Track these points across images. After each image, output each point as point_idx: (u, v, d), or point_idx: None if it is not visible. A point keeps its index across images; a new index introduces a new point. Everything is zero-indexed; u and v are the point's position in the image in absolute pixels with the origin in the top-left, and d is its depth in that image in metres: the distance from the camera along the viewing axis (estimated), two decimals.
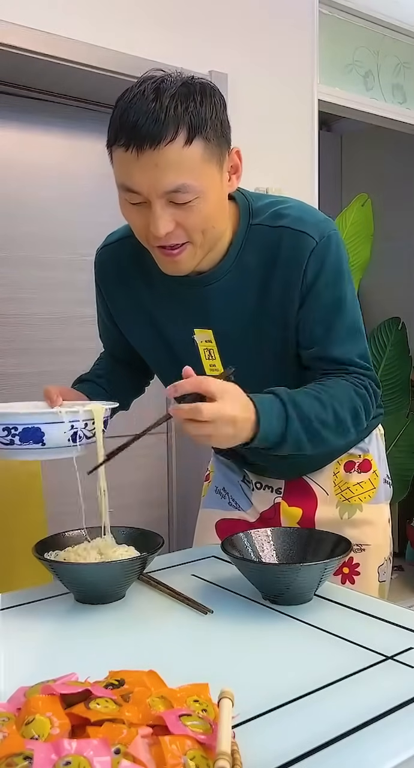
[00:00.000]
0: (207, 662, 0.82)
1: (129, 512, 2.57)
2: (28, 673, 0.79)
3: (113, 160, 1.00)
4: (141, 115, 0.93)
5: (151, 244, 1.03)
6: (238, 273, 1.09)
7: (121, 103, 0.98)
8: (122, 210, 1.03)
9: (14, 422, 0.95)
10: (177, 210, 0.97)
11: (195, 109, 0.95)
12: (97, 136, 2.52)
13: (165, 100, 0.93)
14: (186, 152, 0.94)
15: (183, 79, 0.97)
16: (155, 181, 0.95)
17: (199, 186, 0.97)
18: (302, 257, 1.05)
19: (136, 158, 0.94)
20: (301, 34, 2.66)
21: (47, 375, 2.45)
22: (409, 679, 0.75)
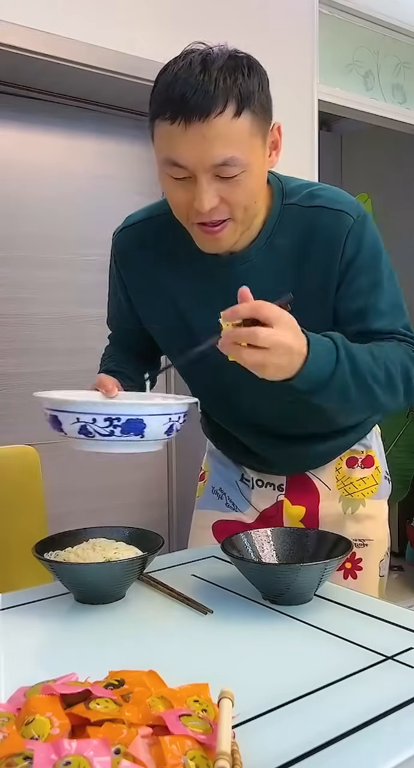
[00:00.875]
0: (207, 662, 0.82)
1: (129, 512, 2.58)
2: (28, 673, 0.79)
3: (155, 135, 0.98)
4: (189, 87, 0.92)
5: (191, 220, 1.02)
6: (271, 252, 1.09)
7: (164, 76, 0.96)
8: (163, 185, 1.02)
9: (118, 413, 0.92)
10: (222, 184, 0.96)
11: (243, 81, 0.94)
12: (97, 136, 2.52)
13: (213, 72, 0.92)
14: (235, 125, 0.93)
15: (229, 52, 0.96)
16: (203, 153, 0.93)
17: (246, 159, 0.96)
18: (341, 234, 1.05)
19: (183, 131, 0.93)
20: (301, 34, 2.66)
21: (47, 375, 2.45)
22: (409, 679, 0.75)
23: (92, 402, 0.94)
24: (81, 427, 0.93)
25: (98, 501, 2.51)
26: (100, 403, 0.94)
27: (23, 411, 2.40)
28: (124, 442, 0.94)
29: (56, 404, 0.95)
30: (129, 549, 1.04)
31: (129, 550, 1.04)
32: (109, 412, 0.92)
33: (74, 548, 1.04)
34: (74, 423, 0.93)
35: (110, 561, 0.98)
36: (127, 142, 2.58)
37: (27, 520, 1.49)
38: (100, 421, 0.92)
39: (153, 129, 0.99)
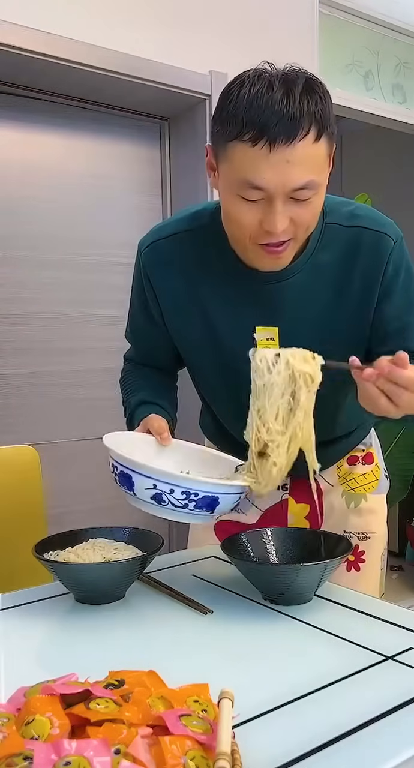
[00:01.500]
0: (207, 662, 0.82)
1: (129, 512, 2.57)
2: (28, 673, 0.79)
3: (230, 156, 0.96)
4: (273, 110, 0.91)
5: (254, 240, 1.01)
6: (312, 270, 1.09)
7: (238, 97, 0.94)
8: (231, 205, 1.00)
9: (197, 488, 0.92)
10: (294, 206, 0.97)
11: (322, 104, 0.94)
12: (97, 136, 2.52)
13: (297, 96, 0.92)
14: (315, 148, 0.94)
15: (304, 74, 0.96)
16: (285, 177, 0.93)
17: (320, 182, 0.97)
18: (383, 257, 1.08)
19: (266, 154, 0.92)
20: (301, 34, 2.66)
21: (47, 375, 2.45)
22: (409, 679, 0.75)
23: (174, 474, 0.92)
24: (156, 494, 0.93)
25: (98, 501, 2.51)
26: (180, 476, 0.93)
27: (23, 411, 2.40)
28: (193, 515, 0.94)
29: (133, 465, 0.93)
30: (129, 549, 1.04)
31: (129, 550, 1.04)
32: (188, 486, 0.92)
33: (74, 548, 1.04)
34: (149, 489, 0.93)
35: (110, 561, 0.98)
36: (127, 142, 2.58)
37: (27, 520, 1.49)
38: (178, 493, 0.92)
39: (224, 150, 0.96)
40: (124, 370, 1.35)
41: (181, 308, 1.17)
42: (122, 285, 2.51)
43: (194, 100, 2.44)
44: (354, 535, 1.29)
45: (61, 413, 2.46)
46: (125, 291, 2.49)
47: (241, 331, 1.11)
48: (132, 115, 2.56)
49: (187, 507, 0.93)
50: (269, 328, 1.11)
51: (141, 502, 0.95)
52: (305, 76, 0.96)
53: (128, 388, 1.29)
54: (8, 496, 1.47)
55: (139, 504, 0.96)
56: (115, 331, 2.42)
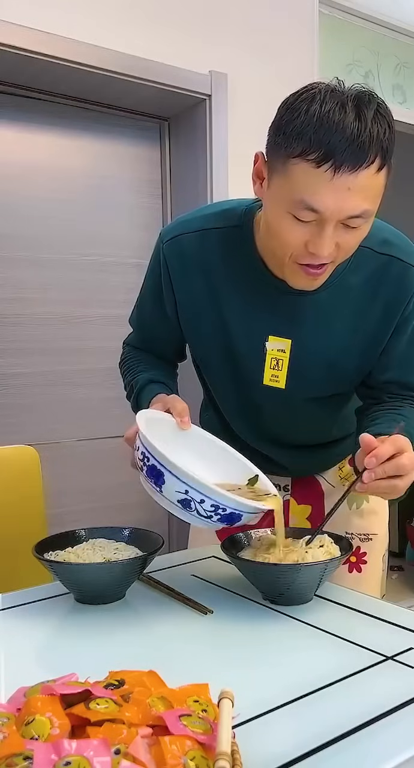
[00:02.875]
0: (207, 662, 0.82)
1: (129, 512, 2.57)
2: (28, 673, 0.79)
3: (290, 173, 0.92)
4: (344, 134, 0.88)
5: (295, 259, 1.00)
6: (338, 290, 1.09)
7: (310, 111, 0.90)
8: (279, 222, 0.97)
9: (226, 504, 0.91)
10: (342, 232, 0.95)
11: (390, 134, 0.93)
12: (97, 136, 2.52)
13: (368, 123, 0.90)
14: (376, 178, 0.93)
15: (376, 99, 0.93)
16: (344, 203, 0.91)
17: (374, 211, 0.96)
18: (409, 289, 1.08)
19: (330, 178, 0.90)
20: (301, 34, 2.66)
21: (47, 375, 2.45)
22: (409, 679, 0.75)
23: (210, 487, 0.90)
24: (185, 500, 0.91)
25: (98, 501, 2.51)
26: (217, 491, 0.90)
27: (23, 411, 2.40)
28: (212, 524, 0.93)
29: (171, 466, 0.90)
30: (129, 549, 1.04)
31: (129, 550, 1.04)
32: (219, 500, 0.90)
33: (74, 548, 1.04)
34: (179, 492, 0.91)
35: (110, 561, 0.98)
36: (127, 142, 2.58)
37: (27, 520, 1.49)
38: (207, 504, 0.91)
39: (284, 164, 0.93)
40: (124, 353, 1.34)
41: (196, 304, 1.15)
42: (122, 285, 2.52)
43: (194, 100, 2.44)
44: (356, 536, 1.29)
45: (61, 413, 2.46)
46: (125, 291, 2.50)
47: (253, 337, 1.12)
48: (132, 115, 2.56)
49: (211, 518, 0.92)
50: (282, 339, 1.11)
51: (164, 500, 0.93)
52: (377, 101, 0.94)
53: (133, 368, 1.27)
54: (8, 496, 1.47)
55: (161, 500, 0.94)
56: (115, 331, 2.42)
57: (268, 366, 1.13)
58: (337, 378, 1.14)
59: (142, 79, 2.26)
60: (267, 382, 1.14)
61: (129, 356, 1.31)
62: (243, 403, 1.20)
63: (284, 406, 1.17)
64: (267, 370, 1.13)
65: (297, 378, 1.12)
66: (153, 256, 1.20)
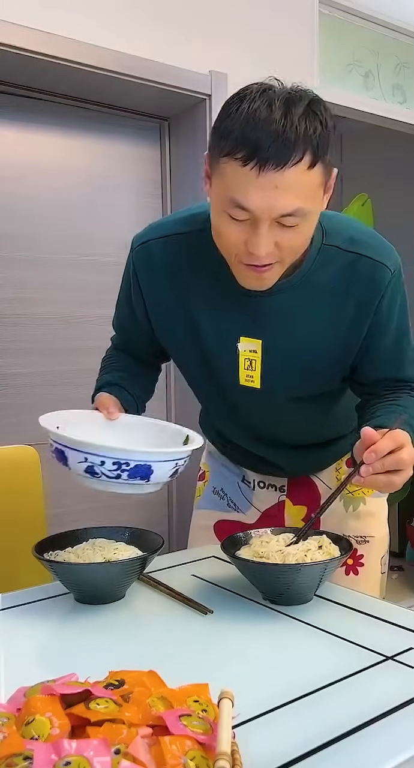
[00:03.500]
0: (207, 662, 0.82)
1: (129, 512, 2.57)
2: (28, 673, 0.79)
3: (221, 172, 0.93)
4: (268, 132, 0.88)
5: (239, 259, 1.00)
6: (305, 289, 1.08)
7: (240, 110, 0.91)
8: (218, 221, 0.98)
9: (127, 458, 0.92)
10: (280, 231, 0.94)
11: (322, 131, 0.91)
12: (97, 136, 2.52)
13: (295, 119, 0.88)
14: (307, 176, 0.91)
15: (308, 96, 0.92)
16: (272, 202, 0.91)
17: (310, 210, 0.94)
18: (380, 288, 1.07)
19: (255, 176, 0.89)
20: (301, 34, 2.66)
21: (47, 375, 2.45)
22: (409, 679, 0.75)
23: (103, 446, 0.92)
24: (88, 467, 0.93)
25: (98, 501, 2.51)
26: (109, 447, 0.92)
27: (23, 411, 2.40)
28: (130, 484, 0.95)
29: (64, 440, 0.94)
30: (129, 549, 1.04)
31: (129, 550, 1.04)
32: (118, 456, 0.92)
33: (74, 548, 1.04)
34: (81, 462, 0.93)
35: (110, 561, 0.98)
36: (127, 142, 2.58)
37: (27, 520, 1.49)
38: (109, 464, 0.92)
39: (217, 163, 0.94)
40: (106, 353, 1.35)
41: (167, 310, 1.16)
42: None
43: (194, 100, 2.44)
44: (352, 538, 1.28)
45: None
46: None
47: (225, 339, 1.12)
48: (132, 115, 2.56)
49: (120, 477, 0.93)
50: (253, 340, 1.11)
51: (78, 476, 0.96)
52: (310, 97, 0.93)
53: (102, 369, 1.30)
54: (8, 496, 1.47)
55: (78, 478, 0.97)
56: None
57: (242, 366, 1.14)
58: (313, 377, 1.14)
59: (142, 79, 2.26)
60: (243, 382, 1.14)
61: (107, 357, 1.34)
62: (225, 404, 1.20)
63: (266, 406, 1.16)
64: (241, 371, 1.14)
65: (271, 377, 1.11)
66: (126, 262, 1.22)
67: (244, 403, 1.17)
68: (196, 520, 1.39)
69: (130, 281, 1.20)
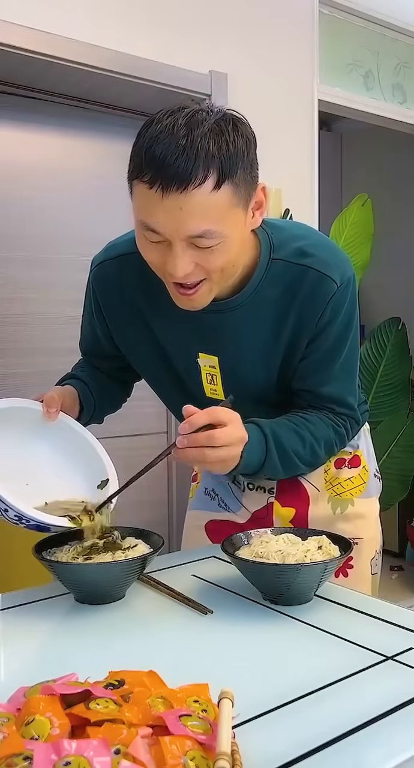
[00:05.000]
0: (207, 662, 0.82)
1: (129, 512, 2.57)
2: (28, 673, 0.79)
3: (133, 193, 0.95)
4: (170, 151, 0.87)
5: (167, 279, 1.00)
6: (255, 305, 1.08)
7: (148, 132, 0.91)
8: (138, 243, 0.99)
9: (28, 515, 0.95)
10: (197, 251, 0.94)
11: (227, 150, 0.89)
12: (97, 136, 2.52)
13: (197, 138, 0.87)
14: (213, 197, 0.90)
15: (216, 115, 0.91)
16: (179, 224, 0.90)
17: (223, 231, 0.93)
18: (322, 300, 1.06)
19: (160, 198, 0.89)
20: (301, 34, 2.66)
21: (47, 375, 2.45)
22: (409, 679, 0.75)
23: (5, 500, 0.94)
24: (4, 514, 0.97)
25: None
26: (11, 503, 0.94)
27: None
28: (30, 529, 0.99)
29: None
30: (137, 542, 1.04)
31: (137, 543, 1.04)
32: (20, 510, 0.95)
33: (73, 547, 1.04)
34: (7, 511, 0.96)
35: (110, 561, 0.98)
36: (127, 142, 2.55)
37: None
38: (11, 514, 0.96)
39: (131, 187, 0.96)
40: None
41: (128, 329, 1.18)
42: None
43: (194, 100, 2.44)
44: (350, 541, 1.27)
45: None
46: None
47: (187, 355, 1.13)
48: (132, 115, 2.56)
49: (23, 524, 0.97)
50: (210, 357, 1.13)
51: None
52: (215, 116, 0.91)
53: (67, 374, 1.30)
54: None
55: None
56: None
57: (206, 382, 1.15)
58: (271, 387, 1.15)
59: (142, 79, 2.26)
60: (209, 395, 1.16)
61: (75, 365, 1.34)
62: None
63: None
64: (206, 385, 1.15)
65: (234, 390, 1.11)
66: (86, 284, 1.24)
67: None
68: (189, 521, 1.40)
69: (91, 302, 1.22)
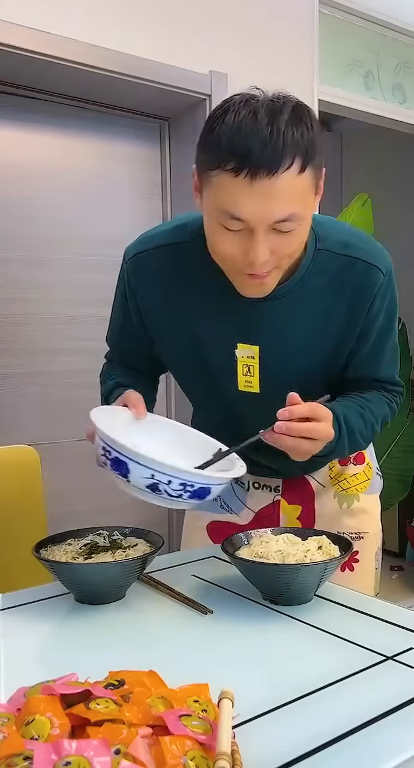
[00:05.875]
0: (207, 662, 0.82)
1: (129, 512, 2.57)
2: (28, 673, 0.79)
3: (211, 184, 0.95)
4: (256, 141, 0.89)
5: (238, 269, 1.01)
6: (301, 295, 1.09)
7: (224, 124, 0.92)
8: (213, 234, 0.99)
9: (193, 480, 0.92)
10: (276, 237, 0.95)
11: (309, 135, 0.92)
12: (97, 136, 2.52)
13: (281, 126, 0.90)
14: (299, 180, 0.92)
15: (291, 102, 0.94)
16: (266, 210, 0.92)
17: (304, 214, 0.95)
18: (371, 290, 1.09)
19: (248, 185, 0.90)
20: (301, 34, 2.66)
21: (47, 375, 2.45)
22: (409, 679, 0.75)
23: (173, 467, 0.91)
24: (152, 483, 0.92)
25: (98, 501, 2.51)
26: (179, 469, 0.92)
27: (23, 411, 2.40)
28: (182, 502, 0.95)
29: (133, 455, 0.92)
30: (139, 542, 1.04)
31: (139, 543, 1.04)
32: (186, 478, 0.92)
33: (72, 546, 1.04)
34: (146, 478, 0.92)
35: (110, 561, 0.98)
36: (127, 142, 2.58)
37: (27, 520, 1.49)
38: (175, 484, 0.92)
39: (207, 177, 0.96)
40: (102, 369, 1.35)
41: (164, 320, 1.17)
42: None
43: (194, 100, 2.44)
44: (347, 535, 1.29)
45: (61, 413, 2.46)
46: None
47: (223, 346, 1.13)
48: (132, 115, 2.56)
49: (181, 497, 0.93)
50: (250, 347, 1.12)
51: (133, 488, 0.95)
52: (292, 103, 0.94)
53: (105, 379, 1.29)
54: (8, 496, 1.48)
55: (130, 490, 0.96)
56: None
57: (241, 373, 1.15)
58: (309, 379, 1.15)
59: (142, 79, 2.26)
60: (242, 388, 1.15)
61: (105, 371, 1.33)
62: (224, 409, 1.21)
63: (264, 410, 1.16)
64: (240, 377, 1.15)
65: (270, 382, 1.13)
66: (119, 275, 1.22)
67: (242, 407, 1.18)
68: (189, 521, 1.40)
69: (125, 294, 1.21)
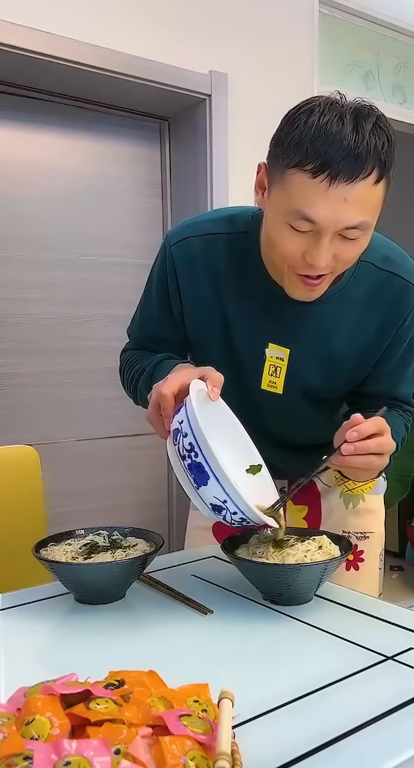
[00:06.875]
0: (207, 662, 0.82)
1: (129, 512, 2.58)
2: (28, 673, 0.79)
3: (287, 182, 0.94)
4: (340, 146, 0.89)
5: (293, 269, 1.00)
6: (340, 303, 1.10)
7: (309, 122, 0.92)
8: (277, 232, 0.99)
9: (255, 520, 0.92)
10: (340, 243, 0.96)
11: (388, 147, 0.94)
12: (96, 135, 2.52)
13: (365, 134, 0.91)
14: (374, 190, 0.93)
15: (375, 112, 0.95)
16: (340, 215, 0.92)
17: (371, 223, 0.96)
18: (405, 307, 1.11)
19: (325, 188, 0.91)
20: (301, 34, 2.66)
21: (47, 375, 2.45)
22: (409, 679, 0.75)
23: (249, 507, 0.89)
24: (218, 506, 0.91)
25: (98, 501, 2.51)
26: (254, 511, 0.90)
27: (23, 411, 2.40)
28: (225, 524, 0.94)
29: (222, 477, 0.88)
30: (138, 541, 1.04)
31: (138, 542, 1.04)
32: (251, 517, 0.91)
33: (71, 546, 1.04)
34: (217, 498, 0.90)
35: (110, 561, 0.98)
36: (127, 142, 2.58)
37: (27, 520, 1.49)
38: (237, 517, 0.91)
39: (282, 174, 0.95)
40: (125, 357, 1.31)
41: (202, 307, 1.16)
42: (122, 285, 2.52)
43: (194, 100, 2.44)
44: (353, 534, 1.30)
45: (61, 413, 2.46)
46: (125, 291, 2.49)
47: (254, 342, 1.13)
48: (132, 115, 2.56)
49: (232, 525, 0.94)
50: (281, 348, 1.13)
51: (195, 495, 0.92)
52: (376, 113, 0.95)
53: (138, 360, 1.23)
54: (8, 496, 1.48)
55: (190, 493, 0.92)
56: (115, 331, 2.42)
57: (267, 372, 1.15)
58: (332, 386, 1.17)
59: (142, 79, 2.26)
60: (264, 387, 1.15)
61: (129, 356, 1.29)
62: (243, 404, 1.20)
63: (281, 410, 1.19)
64: (265, 376, 1.15)
65: (294, 385, 1.14)
66: (159, 259, 1.20)
67: (261, 404, 1.18)
68: (193, 521, 1.39)
69: (165, 278, 1.18)
